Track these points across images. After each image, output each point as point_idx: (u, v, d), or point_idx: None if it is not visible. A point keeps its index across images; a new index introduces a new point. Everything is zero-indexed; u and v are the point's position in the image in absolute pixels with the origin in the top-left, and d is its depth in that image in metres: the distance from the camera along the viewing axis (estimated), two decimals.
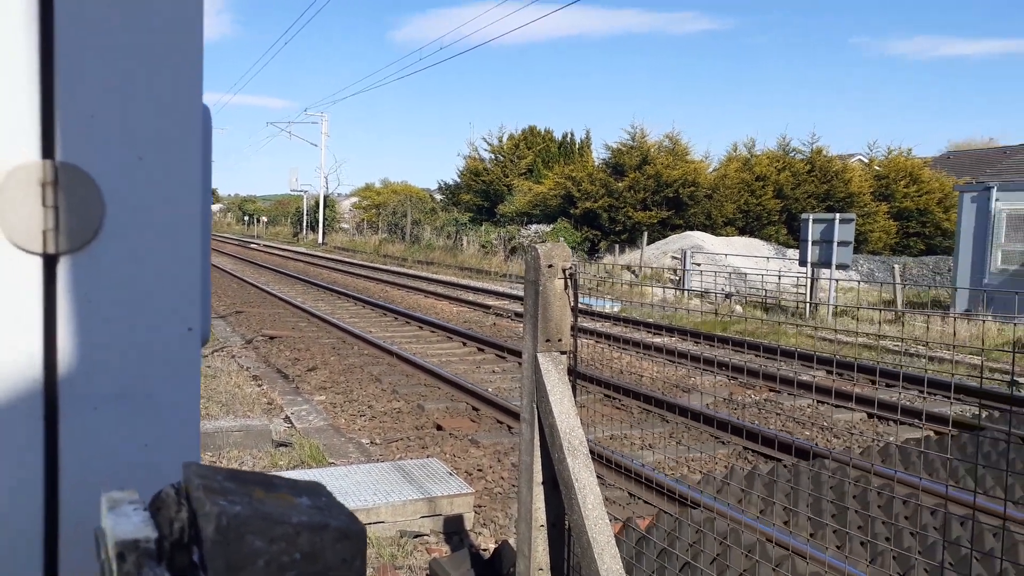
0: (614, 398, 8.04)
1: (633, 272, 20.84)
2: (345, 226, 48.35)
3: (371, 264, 29.03)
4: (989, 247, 14.72)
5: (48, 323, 0.68)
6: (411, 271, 26.08)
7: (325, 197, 46.72)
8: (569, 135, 35.65)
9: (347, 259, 31.53)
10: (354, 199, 50.81)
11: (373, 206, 45.63)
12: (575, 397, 2.25)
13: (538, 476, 2.30)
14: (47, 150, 0.68)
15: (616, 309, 14.89)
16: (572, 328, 2.31)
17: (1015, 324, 12.40)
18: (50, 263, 0.69)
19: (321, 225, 45.49)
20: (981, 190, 15.20)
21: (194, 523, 0.40)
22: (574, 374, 2.33)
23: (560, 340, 2.27)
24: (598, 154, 33.16)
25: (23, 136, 0.67)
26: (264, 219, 63.03)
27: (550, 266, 2.22)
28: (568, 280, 2.24)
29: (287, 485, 0.44)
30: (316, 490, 0.44)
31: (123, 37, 0.70)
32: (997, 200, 14.61)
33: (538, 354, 2.25)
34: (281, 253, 36.18)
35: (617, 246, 26.14)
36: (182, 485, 0.44)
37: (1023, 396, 8.19)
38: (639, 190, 27.58)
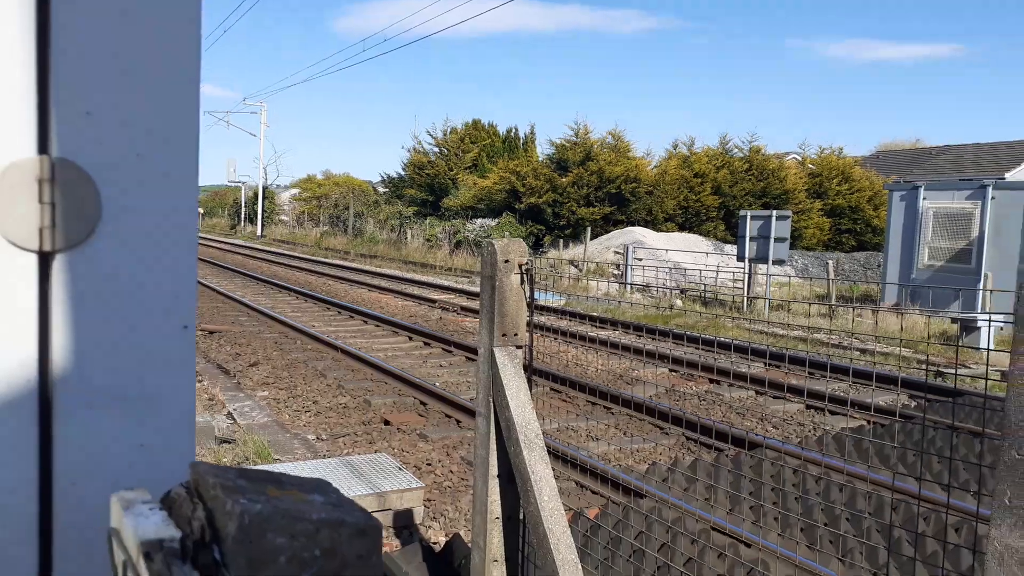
0: (560, 391, 8.12)
1: (577, 267, 21.04)
2: (285, 218, 47.42)
3: (312, 257, 28.58)
4: (917, 244, 15.35)
5: (43, 321, 0.65)
6: (354, 264, 25.77)
7: (264, 188, 45.73)
8: (513, 130, 35.70)
9: (287, 252, 30.96)
10: (294, 191, 49.84)
11: (314, 198, 44.86)
12: (530, 391, 2.27)
13: (494, 469, 2.31)
14: (43, 146, 0.65)
15: (561, 303, 15.01)
16: (527, 323, 2.33)
17: (958, 322, 12.96)
18: (45, 260, 0.68)
19: (260, 217, 44.51)
20: (909, 189, 15.83)
21: (212, 521, 0.40)
22: (530, 368, 2.35)
23: (516, 334, 2.28)
24: (542, 150, 33.33)
25: (19, 131, 0.64)
26: (200, 211, 61.34)
27: (506, 261, 2.24)
28: (524, 275, 2.26)
29: (294, 482, 0.44)
30: (323, 487, 0.44)
31: (121, 34, 0.68)
32: (924, 199, 15.25)
33: (494, 348, 2.26)
34: (218, 246, 35.30)
35: (561, 241, 26.34)
36: (192, 483, 0.43)
37: (948, 386, 8.58)
38: (582, 186, 27.85)
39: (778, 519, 4.43)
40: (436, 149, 35.56)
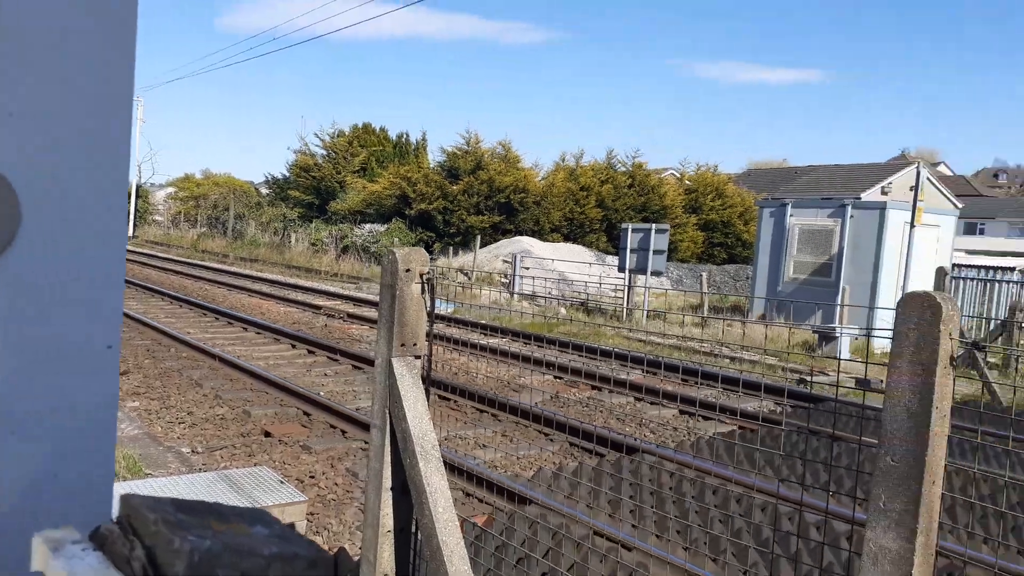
0: (449, 399, 8.11)
1: (466, 275, 21.11)
2: (159, 219, 44.95)
3: (188, 260, 27.24)
4: (783, 258, 16.39)
5: None
6: (233, 268, 24.76)
7: (138, 187, 43.17)
8: (404, 136, 35.46)
9: (161, 254, 29.35)
10: (170, 190, 47.31)
11: (191, 198, 42.78)
12: (428, 401, 2.26)
13: (387, 482, 2.28)
14: None
15: (450, 310, 15.00)
16: (427, 333, 2.33)
17: (818, 332, 13.86)
18: None
19: (132, 217, 41.94)
20: (778, 206, 16.90)
21: (153, 560, 0.38)
22: (428, 379, 2.34)
23: (415, 344, 2.28)
24: (434, 157, 33.30)
25: None
26: None
27: (408, 270, 2.22)
28: (425, 285, 2.25)
29: (234, 513, 0.42)
30: (263, 517, 0.43)
31: (51, 31, 0.62)
32: (791, 216, 16.31)
33: (392, 358, 2.24)
34: None
35: (451, 248, 26.37)
36: (125, 518, 0.41)
37: (814, 393, 9.20)
38: (473, 194, 28.02)
39: (656, 522, 4.61)
40: (324, 152, 34.77)
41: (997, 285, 16.60)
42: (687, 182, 33.44)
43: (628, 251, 16.81)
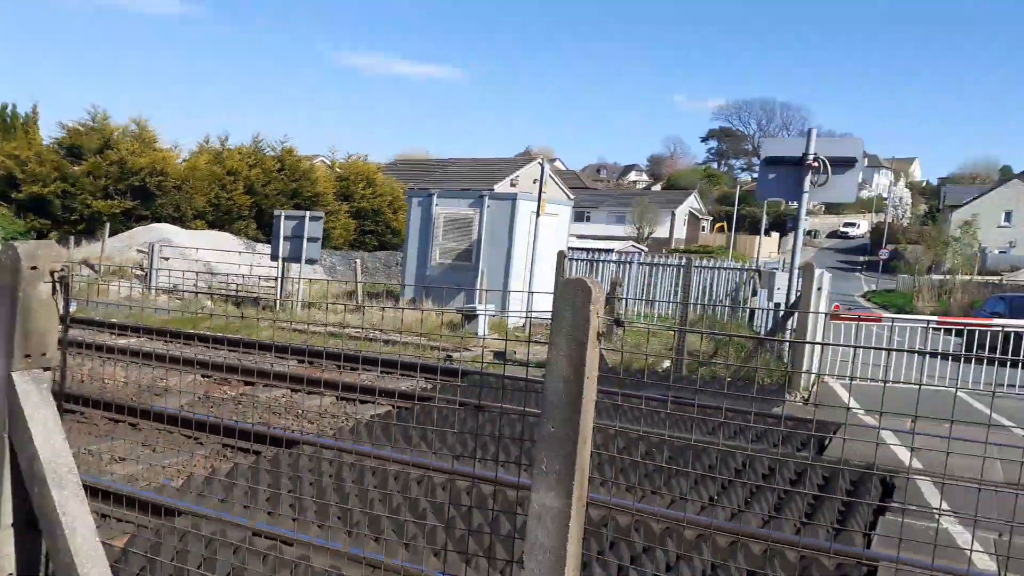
0: (75, 411, 7.16)
1: (93, 267, 18.63)
2: None
3: None
4: (430, 244, 17.38)
5: None
6: None
7: None
8: (11, 107, 29.87)
9: None
10: None
11: None
12: (62, 419, 2.02)
13: (7, 518, 1.98)
14: None
15: (72, 309, 13.15)
16: (60, 341, 2.07)
17: (461, 311, 14.86)
18: None
19: None
20: (425, 196, 17.84)
21: None
22: (61, 394, 2.09)
23: (44, 355, 2.00)
24: (49, 132, 28.66)
25: None
26: None
27: (34, 268, 1.94)
28: (58, 285, 1.99)
29: None
30: None
31: None
32: (437, 205, 17.35)
33: (13, 373, 1.94)
34: None
35: (72, 238, 23.02)
36: None
37: (458, 368, 9.96)
38: (100, 176, 24.78)
39: (317, 512, 4.67)
40: None
41: (600, 264, 19.63)
42: (338, 170, 33.51)
43: (281, 239, 16.43)
